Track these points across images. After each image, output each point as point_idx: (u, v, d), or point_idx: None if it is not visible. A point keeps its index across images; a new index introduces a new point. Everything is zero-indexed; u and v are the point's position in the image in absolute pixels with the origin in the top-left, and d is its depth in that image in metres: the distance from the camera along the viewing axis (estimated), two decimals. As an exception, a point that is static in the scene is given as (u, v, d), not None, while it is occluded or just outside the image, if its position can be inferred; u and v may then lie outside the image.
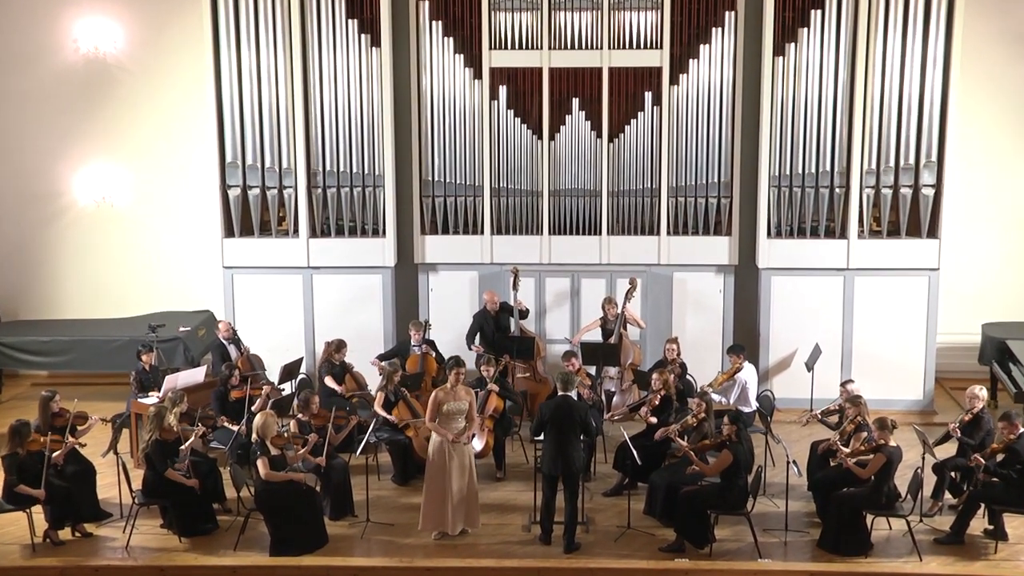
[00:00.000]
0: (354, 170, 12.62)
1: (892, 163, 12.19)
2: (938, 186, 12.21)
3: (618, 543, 9.40)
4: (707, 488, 9.35)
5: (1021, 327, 12.87)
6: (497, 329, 12.15)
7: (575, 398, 9.45)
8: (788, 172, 12.32)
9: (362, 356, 12.24)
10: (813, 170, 12.27)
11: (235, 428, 10.33)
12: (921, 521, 9.60)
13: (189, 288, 13.88)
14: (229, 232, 12.79)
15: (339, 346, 11.53)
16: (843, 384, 10.47)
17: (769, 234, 12.48)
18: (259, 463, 8.99)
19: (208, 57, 12.36)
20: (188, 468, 9.50)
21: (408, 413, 10.70)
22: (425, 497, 9.35)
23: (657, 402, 10.38)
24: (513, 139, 12.63)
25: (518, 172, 12.68)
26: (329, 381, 11.37)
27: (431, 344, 12.04)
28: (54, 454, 9.38)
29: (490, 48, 12.45)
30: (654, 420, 10.31)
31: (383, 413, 10.66)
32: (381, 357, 11.76)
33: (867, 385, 10.98)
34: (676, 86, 12.43)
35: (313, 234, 12.81)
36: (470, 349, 11.81)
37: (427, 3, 12.41)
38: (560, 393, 9.28)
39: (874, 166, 12.22)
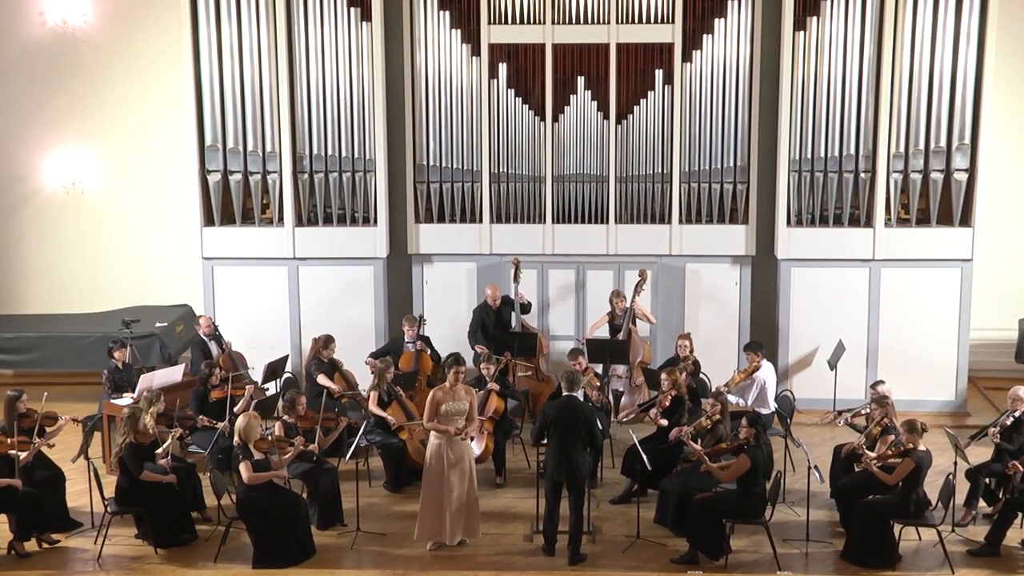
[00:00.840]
0: (343, 154, 12.60)
1: (922, 146, 12.16)
2: (971, 170, 12.18)
3: (627, 554, 9.38)
4: (722, 495, 9.33)
5: (1060, 322, 12.87)
6: (498, 325, 12.15)
7: (581, 399, 9.42)
8: (809, 156, 12.30)
9: (352, 354, 12.22)
10: (836, 153, 12.25)
11: (217, 426, 10.33)
12: (953, 531, 9.59)
13: (166, 281, 13.86)
14: (209, 221, 12.76)
15: (327, 342, 11.51)
16: (874, 385, 10.44)
17: (789, 222, 12.46)
18: (241, 467, 8.97)
19: (186, 31, 12.32)
20: (169, 467, 9.50)
21: (402, 414, 10.69)
22: (422, 504, 9.35)
23: (668, 403, 10.36)
24: (514, 121, 12.61)
25: (519, 156, 12.67)
26: (323, 379, 11.35)
27: (426, 341, 12.01)
28: (21, 455, 9.34)
29: (489, 22, 12.42)
30: (665, 423, 10.30)
31: (380, 412, 10.63)
32: (374, 356, 11.73)
33: (895, 385, 10.95)
34: (689, 63, 12.40)
35: (299, 223, 12.79)
36: (474, 349, 11.76)
37: (421, -26, 12.44)
38: (565, 393, 9.25)
39: (902, 149, 12.19)
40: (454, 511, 9.23)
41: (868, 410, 10.20)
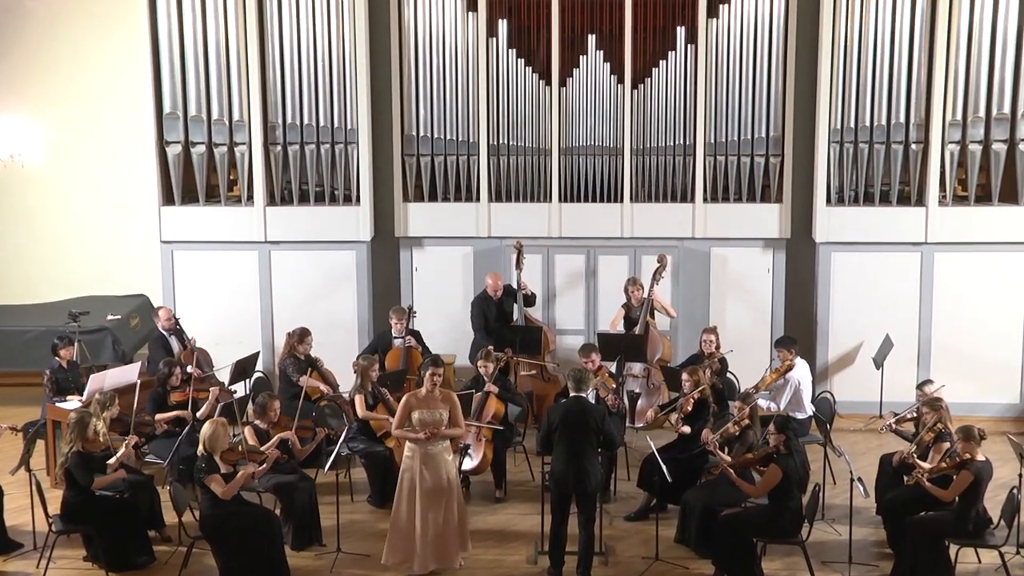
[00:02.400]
0: (321, 123, 12.59)
1: (982, 112, 12.12)
2: (1038, 141, 12.18)
3: (644, 578, 9.38)
4: (752, 511, 9.29)
5: None
6: (499, 318, 12.14)
7: (590, 399, 9.38)
8: (853, 125, 12.26)
9: (332, 350, 12.23)
10: (884, 122, 12.21)
11: (185, 416, 10.32)
12: (1018, 553, 9.54)
13: (119, 268, 13.84)
14: (168, 199, 12.75)
15: (302, 336, 11.48)
16: (920, 386, 10.42)
17: (829, 201, 12.44)
18: (212, 483, 8.93)
19: (141, -16, 12.34)
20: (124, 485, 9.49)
21: (389, 418, 10.63)
22: (391, 524, 9.35)
23: (690, 408, 10.32)
24: (516, 85, 12.58)
25: (521, 126, 12.65)
26: (305, 380, 11.32)
27: (416, 336, 11.98)
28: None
29: (487, -28, 12.43)
30: (687, 429, 10.28)
31: (372, 416, 10.62)
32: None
33: (950, 386, 10.93)
34: (715, 19, 12.34)
35: (271, 201, 12.78)
36: (477, 353, 11.58)
37: (410, -83, 12.40)
38: (572, 394, 9.21)
39: (959, 117, 12.15)
40: (429, 538, 9.20)
41: (916, 413, 10.18)
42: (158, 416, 10.53)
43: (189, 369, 11.10)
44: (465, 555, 9.44)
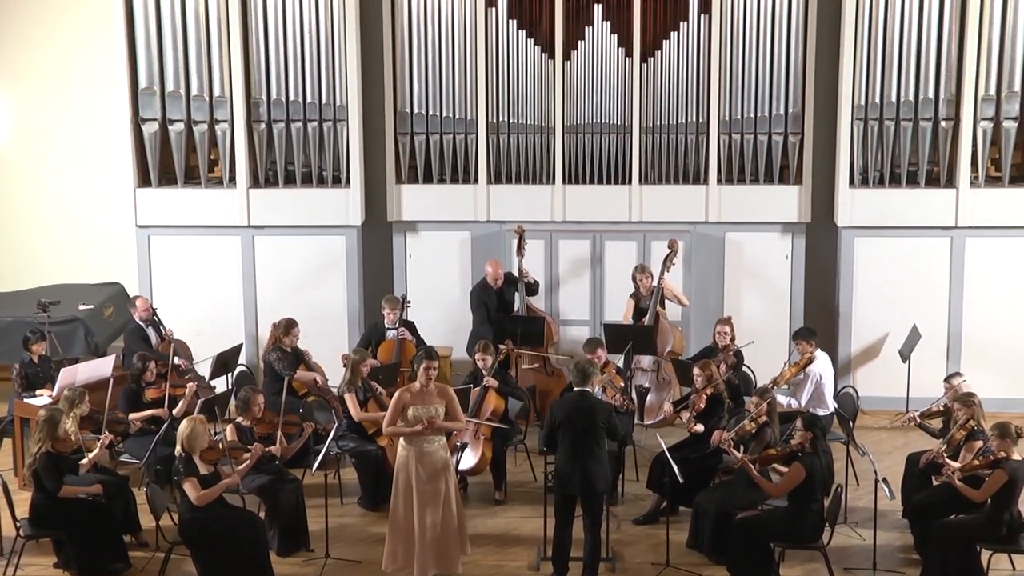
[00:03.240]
0: (308, 100, 12.57)
1: (1017, 87, 12.10)
2: (1078, 117, 12.18)
3: (654, 586, 9.38)
4: (770, 514, 9.29)
5: None
6: (499, 308, 12.14)
7: (596, 394, 9.36)
8: (878, 100, 12.25)
9: (320, 342, 12.21)
10: (911, 97, 12.19)
11: (161, 414, 10.32)
12: (1053, 558, 9.54)
13: (92, 254, 13.81)
14: (144, 181, 12.74)
15: (288, 327, 11.46)
16: (948, 379, 10.41)
17: (852, 182, 12.43)
18: (187, 486, 8.90)
19: (115, -50, 12.29)
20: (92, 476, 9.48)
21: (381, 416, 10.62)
22: (388, 530, 9.33)
23: (703, 404, 10.32)
24: (516, 59, 12.57)
25: (523, 102, 12.64)
26: (300, 375, 11.32)
27: (410, 327, 11.96)
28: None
29: (486, -63, 12.42)
30: (700, 428, 10.28)
31: (365, 415, 10.61)
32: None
33: (982, 380, 10.95)
34: (731, -13, 12.36)
35: (255, 183, 12.76)
36: (473, 351, 11.57)
37: None
38: (576, 388, 9.19)
39: (992, 91, 12.13)
40: (428, 540, 9.18)
41: (942, 407, 10.17)
42: (132, 416, 10.49)
43: (177, 360, 11.05)
44: (463, 560, 9.43)
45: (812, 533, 9.09)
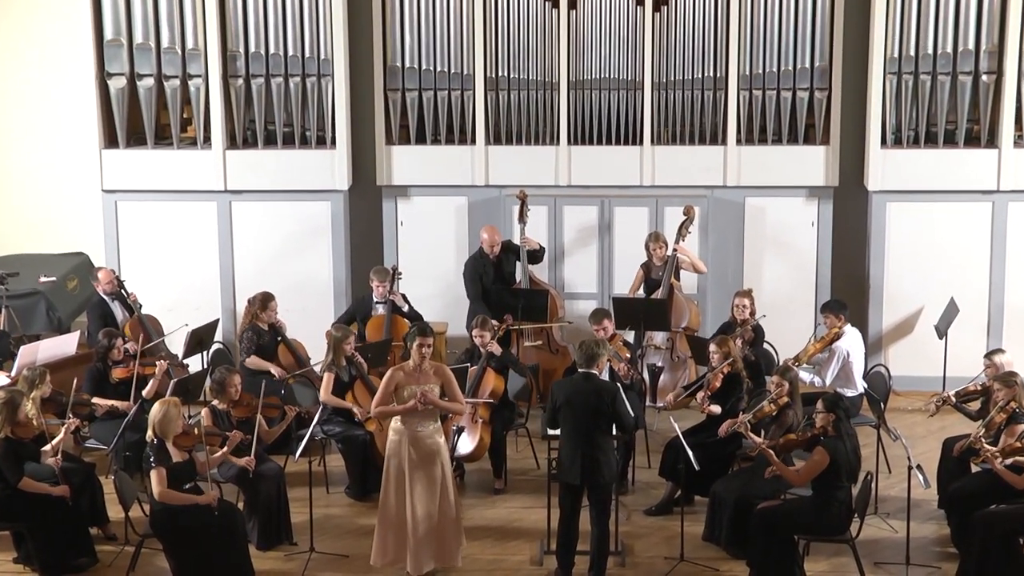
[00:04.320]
0: (290, 53, 12.56)
1: (1067, 37, 12.11)
2: None
3: (667, 582, 9.39)
4: (793, 504, 9.28)
5: None
6: (498, 280, 12.11)
7: (603, 376, 9.33)
8: (912, 53, 12.23)
9: (302, 318, 12.23)
10: (949, 49, 12.18)
11: (123, 407, 10.32)
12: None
13: (54, 221, 13.80)
14: (111, 141, 12.74)
15: (264, 302, 11.46)
16: (988, 356, 10.39)
17: (884, 142, 12.41)
18: (153, 476, 8.89)
19: None
20: (59, 469, 9.45)
21: (368, 399, 10.61)
22: (378, 521, 9.34)
23: (719, 383, 10.31)
24: (517, 8, 12.55)
25: (524, 56, 12.62)
26: (254, 362, 11.29)
27: (401, 301, 11.93)
28: None
29: None
30: (716, 409, 10.27)
31: (337, 402, 10.60)
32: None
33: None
34: (752, -71, 12.33)
35: (232, 144, 12.75)
36: (472, 327, 11.58)
37: None
38: (581, 370, 9.17)
39: (1039, 43, 12.13)
40: (421, 533, 9.18)
41: (981, 386, 10.18)
42: (96, 400, 10.47)
43: (129, 346, 10.97)
44: (460, 553, 9.43)
45: (839, 525, 9.09)
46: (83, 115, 12.83)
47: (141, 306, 11.82)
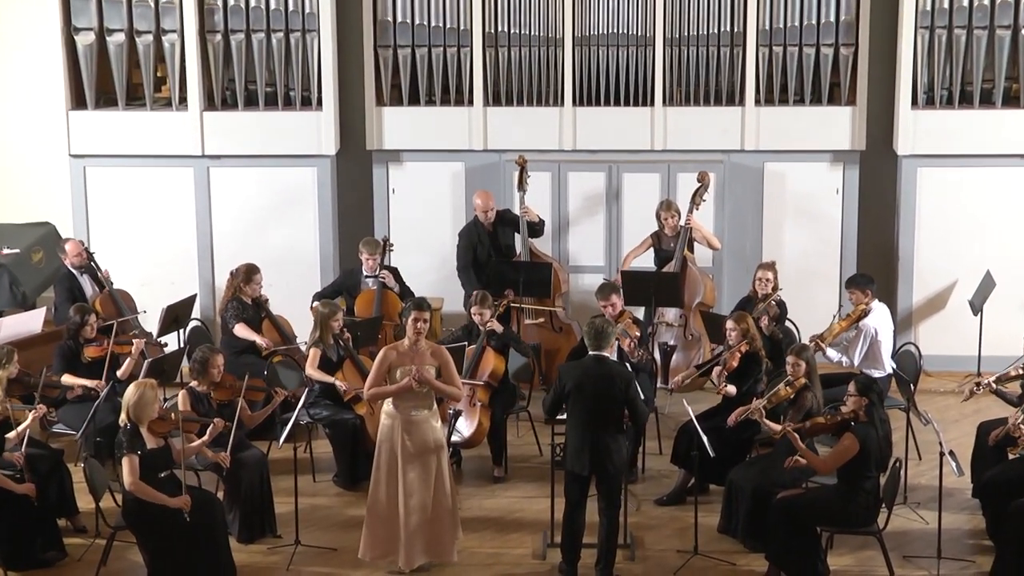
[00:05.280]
0: (272, 5, 12.55)
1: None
2: None
3: (680, 577, 9.41)
4: (817, 493, 9.29)
5: None
6: (495, 251, 12.10)
7: (614, 359, 9.31)
8: (946, 5, 12.22)
9: (287, 292, 12.25)
10: (986, 1, 12.15)
11: (94, 386, 10.31)
12: None
13: (16, 188, 13.76)
14: (78, 102, 12.74)
15: (248, 275, 11.46)
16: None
17: (915, 102, 12.42)
18: (124, 464, 8.88)
19: None
20: (22, 466, 9.42)
21: (357, 379, 10.64)
22: (368, 511, 9.35)
23: (736, 363, 10.30)
24: (518, -44, 12.55)
25: (526, 9, 12.61)
26: (242, 330, 11.29)
27: (393, 274, 11.94)
28: None
29: None
30: (732, 390, 10.28)
31: (324, 377, 10.59)
32: (319, 296, 11.67)
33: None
34: None
35: (210, 105, 12.76)
36: (468, 298, 11.61)
37: None
38: (590, 352, 9.16)
39: (1084, -8, 12.15)
40: (414, 525, 9.20)
41: (1022, 369, 10.15)
42: (67, 379, 10.46)
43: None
44: (456, 547, 9.45)
45: (866, 516, 9.09)
46: (48, 74, 12.81)
47: (112, 284, 11.80)
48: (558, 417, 9.37)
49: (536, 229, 12.30)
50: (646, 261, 12.22)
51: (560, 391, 9.14)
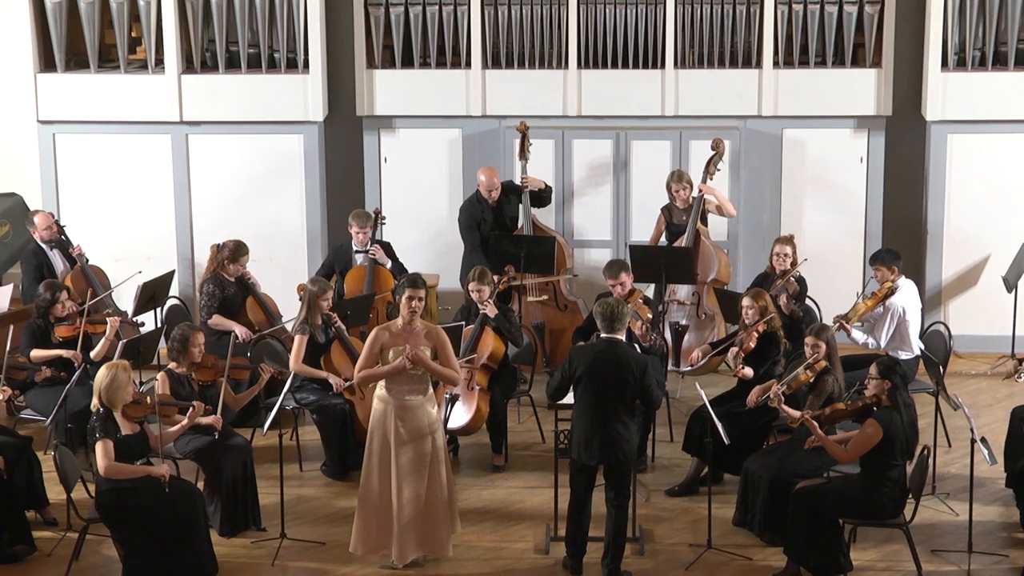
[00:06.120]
0: (254, -40, 12.53)
1: None
2: None
3: (692, 573, 9.39)
4: (839, 483, 9.30)
5: None
6: (498, 226, 12.10)
7: (626, 342, 9.32)
8: (980, -43, 12.25)
9: (271, 269, 12.30)
10: (1024, -49, 12.21)
11: (71, 356, 10.32)
12: None
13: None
14: (47, 65, 12.76)
15: (236, 253, 11.45)
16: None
17: (945, 64, 12.43)
18: (97, 448, 8.89)
19: None
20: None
21: (346, 362, 10.64)
22: (359, 502, 9.36)
23: (753, 344, 10.31)
24: (519, -95, 12.55)
25: (527, -38, 12.62)
26: (218, 319, 11.29)
27: (385, 249, 11.93)
28: None
29: None
30: (749, 372, 10.28)
31: (309, 372, 10.63)
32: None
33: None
34: None
35: (189, 67, 12.77)
36: (468, 281, 11.58)
37: None
38: (603, 335, 9.14)
39: None
40: (407, 517, 9.21)
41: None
42: (36, 354, 10.47)
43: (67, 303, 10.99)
44: (453, 539, 9.46)
45: (891, 507, 9.09)
46: (14, 34, 12.83)
47: (85, 259, 11.79)
48: (562, 402, 9.39)
49: (543, 197, 12.29)
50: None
51: (569, 375, 9.12)
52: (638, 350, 9.91)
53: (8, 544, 9.47)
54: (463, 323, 10.81)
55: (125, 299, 11.87)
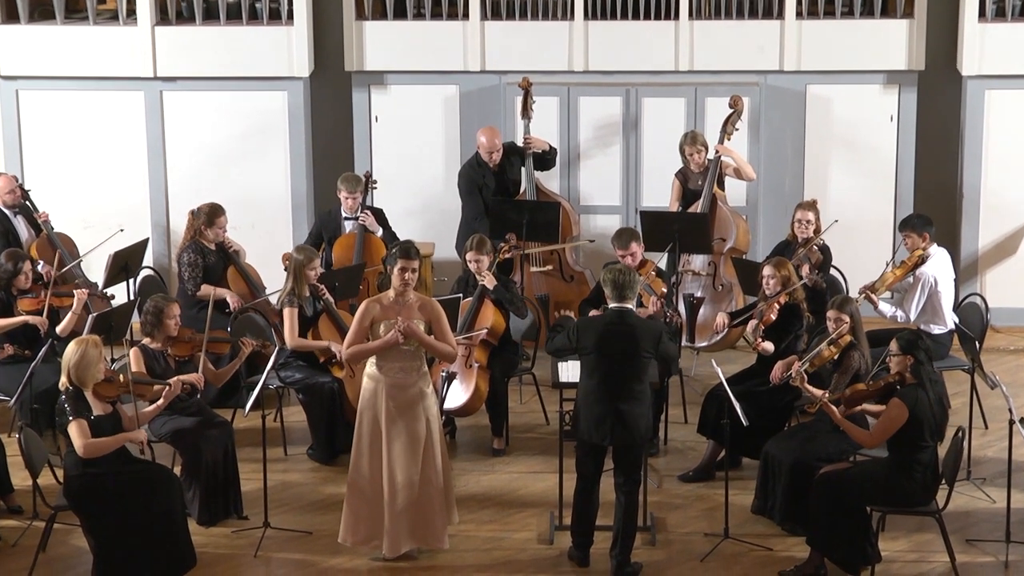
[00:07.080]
0: (233, -99, 12.54)
1: None
2: None
3: (707, 565, 9.41)
4: (865, 468, 9.31)
5: None
6: (500, 191, 12.09)
7: (638, 314, 9.34)
8: (1019, -100, 12.24)
9: (253, 236, 12.33)
10: None
11: (37, 323, 10.37)
12: None
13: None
14: (9, 15, 12.79)
15: (211, 216, 11.46)
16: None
17: (982, 14, 12.43)
18: (71, 429, 8.91)
19: None
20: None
21: (335, 337, 10.66)
22: (348, 490, 9.39)
23: (774, 316, 10.30)
24: None
25: (529, -96, 12.60)
26: (206, 290, 11.31)
27: (376, 215, 11.93)
28: None
29: None
30: (770, 347, 10.30)
31: (306, 345, 10.66)
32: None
33: None
34: None
35: (163, 19, 12.77)
36: (466, 250, 11.58)
37: None
38: (611, 306, 9.14)
39: None
40: (400, 505, 9.23)
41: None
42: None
43: (40, 268, 11.03)
44: (449, 530, 9.48)
45: (923, 493, 9.10)
46: (-26, -17, 12.82)
47: (51, 226, 11.80)
48: (567, 380, 9.39)
49: (547, 160, 12.30)
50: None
51: (574, 344, 9.11)
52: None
53: (-30, 534, 9.55)
54: (460, 295, 10.81)
55: (95, 270, 11.87)
